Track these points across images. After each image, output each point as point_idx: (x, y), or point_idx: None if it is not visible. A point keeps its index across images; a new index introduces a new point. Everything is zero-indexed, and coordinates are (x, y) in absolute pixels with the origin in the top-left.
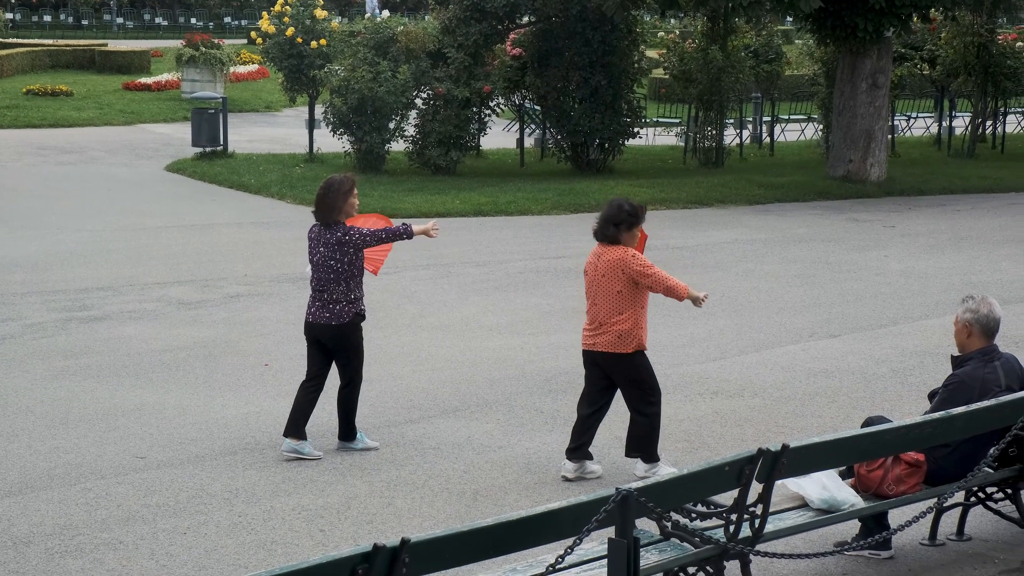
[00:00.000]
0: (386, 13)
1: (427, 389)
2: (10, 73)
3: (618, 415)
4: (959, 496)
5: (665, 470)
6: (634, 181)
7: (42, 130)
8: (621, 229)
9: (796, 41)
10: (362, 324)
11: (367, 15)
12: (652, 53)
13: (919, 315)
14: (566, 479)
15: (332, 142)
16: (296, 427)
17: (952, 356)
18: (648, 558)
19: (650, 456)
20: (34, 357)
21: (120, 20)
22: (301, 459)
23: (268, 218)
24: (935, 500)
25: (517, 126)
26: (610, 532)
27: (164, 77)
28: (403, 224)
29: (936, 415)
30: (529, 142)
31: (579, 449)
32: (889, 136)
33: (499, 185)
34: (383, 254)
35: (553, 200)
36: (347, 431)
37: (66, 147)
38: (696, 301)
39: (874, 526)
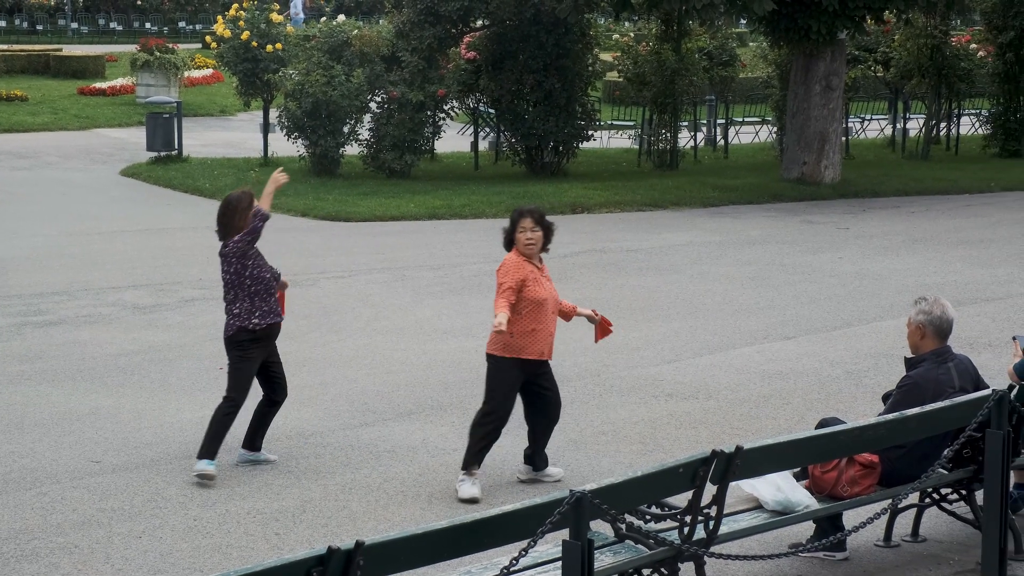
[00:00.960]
0: (341, 17)
1: (382, 392)
2: None
3: (574, 416)
4: (914, 497)
5: (463, 489)
6: (588, 184)
7: None
8: (509, 236)
9: (750, 44)
10: (246, 340)
11: (290, 20)
12: (606, 56)
13: (873, 317)
14: (520, 480)
15: (287, 146)
16: (249, 440)
17: (906, 358)
18: (603, 560)
19: (466, 461)
20: None
21: (75, 25)
22: (256, 463)
23: None
24: (890, 501)
25: (471, 129)
26: (564, 534)
27: (119, 82)
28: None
29: (890, 416)
30: (483, 145)
31: (535, 458)
32: (843, 138)
33: (454, 188)
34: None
35: (508, 203)
36: (207, 449)
37: (21, 152)
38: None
39: (829, 527)
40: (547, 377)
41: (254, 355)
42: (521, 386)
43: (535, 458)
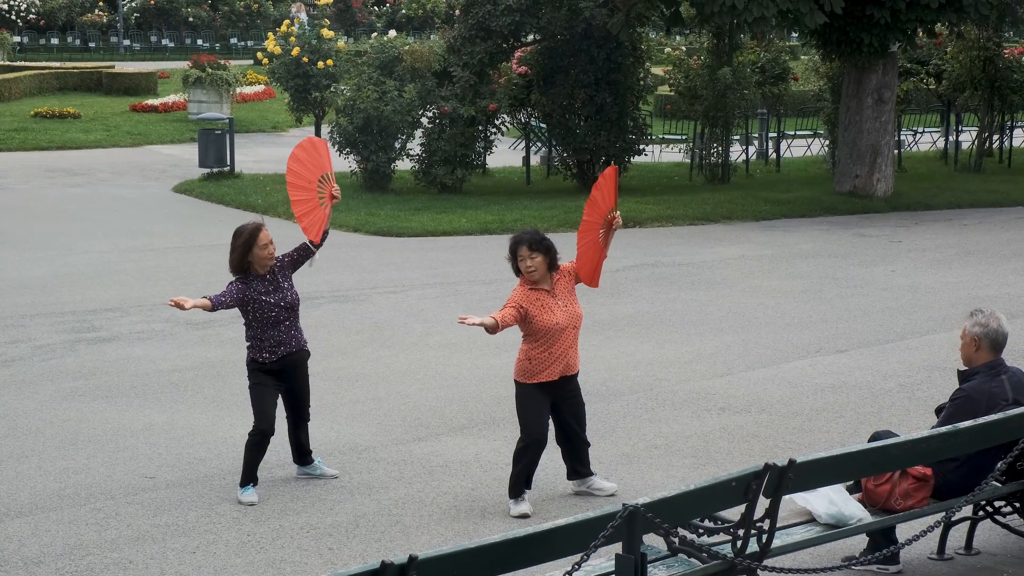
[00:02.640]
0: (392, 33)
1: (434, 407)
2: (18, 96)
3: (626, 431)
4: (967, 510)
5: (514, 507)
6: (640, 198)
7: (50, 152)
8: (514, 267)
9: (802, 57)
10: (258, 370)
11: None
12: (657, 70)
13: (926, 330)
14: (573, 493)
15: (339, 162)
16: (297, 455)
17: (959, 370)
18: (656, 574)
19: (510, 488)
20: (43, 378)
21: (127, 42)
22: (310, 477)
23: (275, 238)
24: (943, 514)
25: (523, 144)
26: (617, 548)
27: (171, 98)
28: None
29: (943, 429)
30: (535, 160)
31: (573, 472)
32: (895, 151)
33: (505, 203)
34: (318, 221)
35: (560, 218)
36: (244, 477)
37: (74, 169)
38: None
39: (882, 540)
40: (572, 401)
41: (267, 383)
42: (551, 407)
43: (577, 468)
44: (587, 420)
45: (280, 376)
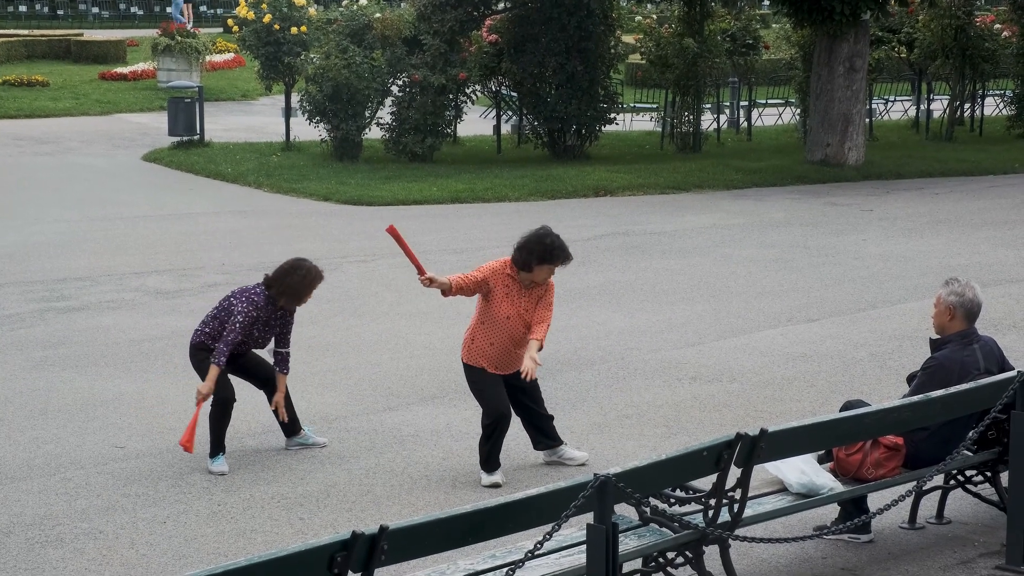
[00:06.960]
0: (363, 0)
1: (405, 376)
2: None
3: (597, 400)
4: (938, 479)
5: (486, 476)
6: (611, 167)
7: (19, 121)
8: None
9: (773, 25)
10: (203, 351)
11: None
12: (628, 38)
13: (897, 299)
14: (544, 463)
15: (309, 130)
16: (284, 430)
17: (931, 339)
18: (627, 544)
19: (482, 463)
20: (12, 348)
21: (96, 10)
22: (304, 446)
23: (245, 207)
24: (914, 484)
25: (494, 113)
26: (589, 518)
27: (140, 66)
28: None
29: (915, 398)
30: (506, 129)
31: (538, 443)
32: (867, 120)
33: (476, 172)
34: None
35: (531, 187)
36: (213, 448)
37: (43, 138)
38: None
39: (853, 510)
40: (526, 392)
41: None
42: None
43: (540, 438)
44: (559, 389)
45: (232, 359)
